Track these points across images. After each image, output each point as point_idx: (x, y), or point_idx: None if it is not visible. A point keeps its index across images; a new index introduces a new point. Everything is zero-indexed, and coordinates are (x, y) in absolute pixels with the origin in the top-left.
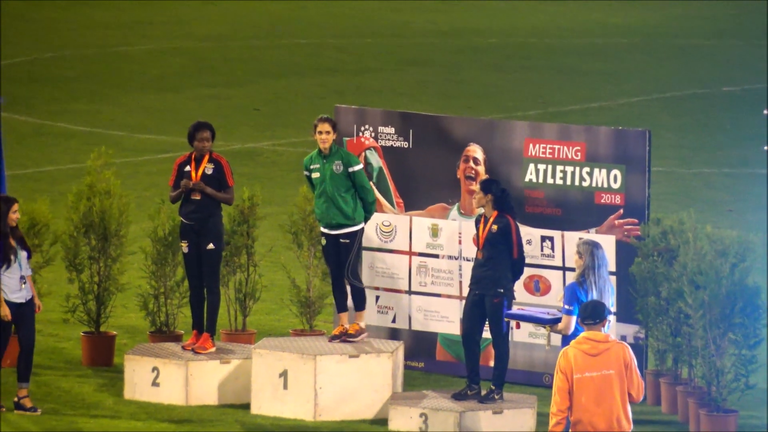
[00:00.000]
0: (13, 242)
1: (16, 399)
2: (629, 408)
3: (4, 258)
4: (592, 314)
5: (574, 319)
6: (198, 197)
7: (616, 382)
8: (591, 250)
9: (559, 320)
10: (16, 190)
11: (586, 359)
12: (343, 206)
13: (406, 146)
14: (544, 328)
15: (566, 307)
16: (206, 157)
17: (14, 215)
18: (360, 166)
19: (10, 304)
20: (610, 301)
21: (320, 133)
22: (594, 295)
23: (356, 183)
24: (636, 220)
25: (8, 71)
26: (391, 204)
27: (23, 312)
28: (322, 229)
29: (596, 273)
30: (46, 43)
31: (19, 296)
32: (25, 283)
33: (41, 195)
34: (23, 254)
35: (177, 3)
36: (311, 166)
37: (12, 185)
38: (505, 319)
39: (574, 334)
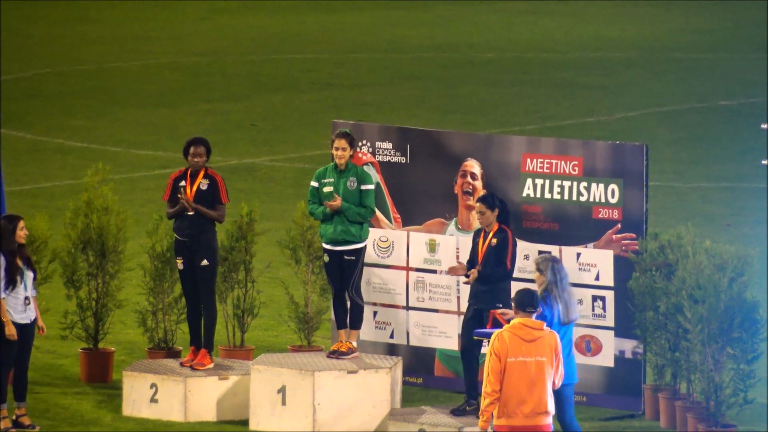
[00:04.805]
0: (19, 262)
1: (14, 417)
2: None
3: (10, 279)
4: (532, 302)
5: None
6: (191, 213)
7: (547, 368)
8: (551, 265)
9: None
10: (14, 206)
11: (521, 344)
12: (352, 223)
13: (403, 161)
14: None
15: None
16: (201, 173)
17: (22, 232)
18: (372, 186)
19: (14, 324)
20: (577, 312)
21: (337, 149)
22: (560, 308)
23: (362, 200)
24: (634, 235)
25: (5, 87)
26: (389, 219)
27: (27, 333)
28: (325, 246)
29: (559, 287)
30: (43, 59)
31: (24, 317)
32: (29, 303)
33: (39, 211)
34: (29, 275)
35: (173, 19)
36: (323, 180)
37: (9, 201)
38: (475, 338)
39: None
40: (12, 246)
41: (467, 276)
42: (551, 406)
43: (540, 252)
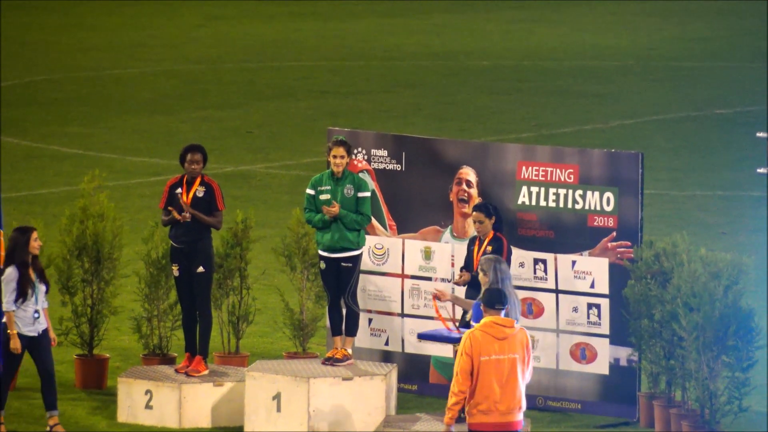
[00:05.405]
0: (32, 275)
1: (48, 428)
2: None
3: (21, 291)
4: (500, 300)
5: None
6: (188, 219)
7: (519, 365)
8: (493, 265)
9: None
10: (9, 213)
11: (493, 342)
12: (349, 230)
13: (398, 169)
14: (454, 346)
15: (474, 324)
16: (198, 180)
17: (36, 243)
18: (368, 193)
19: (22, 337)
20: (517, 314)
21: (335, 157)
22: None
23: (359, 207)
24: (629, 243)
25: (1, 94)
26: (384, 227)
27: (38, 343)
28: (322, 253)
29: (500, 287)
30: (39, 66)
31: (32, 329)
32: (38, 316)
33: (34, 218)
34: (41, 288)
35: (170, 26)
36: (320, 187)
37: (5, 208)
38: (418, 340)
39: None
40: (25, 258)
41: (460, 279)
42: (524, 402)
43: (536, 260)
